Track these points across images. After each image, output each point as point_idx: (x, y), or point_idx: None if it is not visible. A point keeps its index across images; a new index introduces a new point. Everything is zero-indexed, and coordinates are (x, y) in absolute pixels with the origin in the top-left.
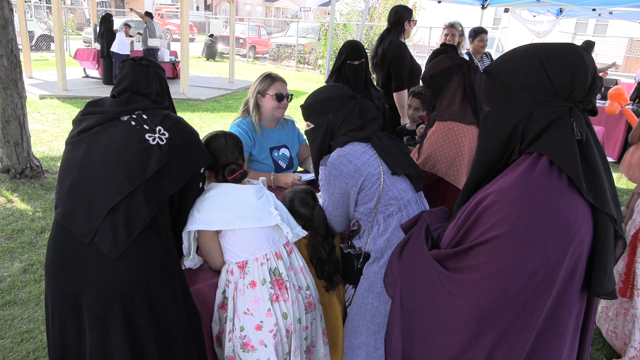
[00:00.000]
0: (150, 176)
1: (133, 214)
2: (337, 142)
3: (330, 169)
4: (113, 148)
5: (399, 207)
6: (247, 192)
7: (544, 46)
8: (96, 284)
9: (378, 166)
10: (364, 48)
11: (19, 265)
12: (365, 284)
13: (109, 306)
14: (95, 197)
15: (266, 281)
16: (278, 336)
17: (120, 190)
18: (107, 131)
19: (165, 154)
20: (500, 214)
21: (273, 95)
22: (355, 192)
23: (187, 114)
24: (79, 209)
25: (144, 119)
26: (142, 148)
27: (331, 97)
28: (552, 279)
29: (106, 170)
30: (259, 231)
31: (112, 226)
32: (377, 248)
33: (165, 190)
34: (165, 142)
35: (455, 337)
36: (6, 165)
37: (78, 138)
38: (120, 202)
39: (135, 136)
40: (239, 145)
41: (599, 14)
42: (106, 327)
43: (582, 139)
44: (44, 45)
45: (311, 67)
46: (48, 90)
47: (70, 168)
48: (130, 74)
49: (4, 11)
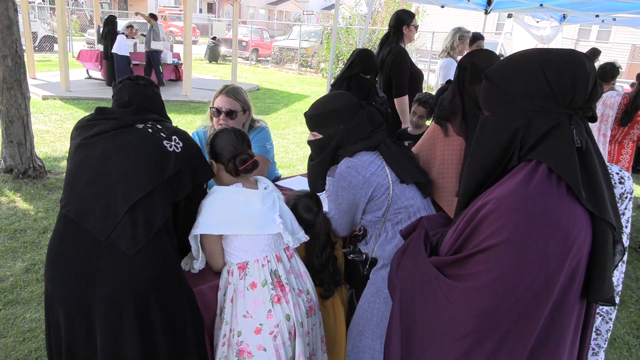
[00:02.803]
0: (167, 178)
1: (152, 213)
2: (346, 151)
3: (338, 180)
4: (132, 150)
5: (408, 215)
6: (252, 197)
7: (544, 52)
8: (109, 282)
9: (387, 176)
10: (377, 60)
11: (21, 264)
12: (372, 289)
13: (123, 304)
14: (114, 195)
15: (267, 282)
16: (279, 339)
17: (140, 188)
18: (124, 135)
19: (180, 160)
20: (499, 222)
21: (213, 109)
22: (364, 202)
23: (189, 116)
24: (95, 206)
25: (158, 128)
26: (161, 152)
27: (341, 107)
28: (551, 286)
29: (126, 169)
30: (261, 236)
31: (132, 223)
32: (386, 255)
33: (178, 194)
34: (180, 150)
35: (454, 344)
36: (9, 165)
37: (92, 140)
38: (140, 201)
39: (154, 141)
40: (246, 138)
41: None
42: (119, 327)
43: (581, 146)
44: (47, 46)
45: (313, 70)
46: (51, 91)
47: (85, 167)
48: (131, 91)
49: (8, 12)
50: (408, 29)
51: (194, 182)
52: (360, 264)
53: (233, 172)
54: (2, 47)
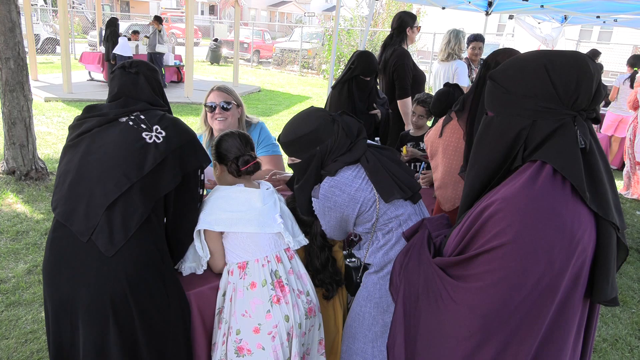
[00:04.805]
0: (146, 174)
1: (129, 212)
2: (328, 170)
3: (323, 201)
4: (110, 147)
5: (399, 223)
6: (253, 196)
7: (549, 53)
8: (90, 283)
9: (372, 189)
10: (377, 62)
11: (23, 266)
12: (363, 292)
13: (103, 305)
14: (94, 195)
15: (267, 282)
16: (277, 339)
17: (117, 187)
18: (105, 132)
19: (161, 151)
20: (504, 222)
21: (206, 106)
22: (353, 217)
23: (191, 118)
24: (78, 208)
25: (141, 119)
26: (139, 146)
27: (312, 129)
28: (556, 287)
29: (103, 168)
30: (262, 235)
31: (109, 224)
32: (377, 262)
33: (161, 189)
34: (162, 140)
35: (459, 345)
36: (11, 167)
37: (77, 140)
38: (118, 200)
39: (132, 135)
40: (250, 141)
41: (603, 21)
42: (99, 327)
43: (585, 147)
44: (49, 48)
45: (315, 72)
46: (53, 93)
47: (69, 169)
48: (121, 81)
49: (11, 14)
50: (411, 31)
51: (183, 170)
52: (353, 270)
53: (235, 173)
54: (4, 50)
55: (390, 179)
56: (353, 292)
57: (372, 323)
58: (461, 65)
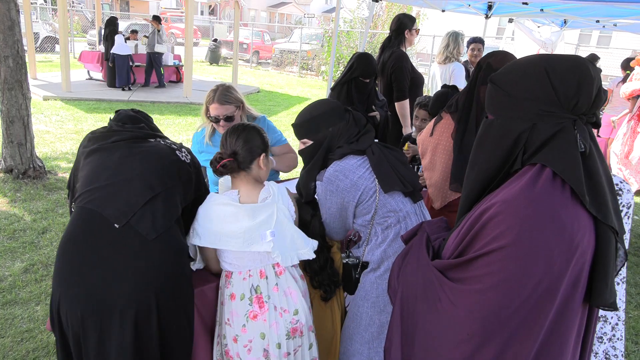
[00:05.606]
0: (183, 181)
1: (170, 204)
2: (335, 154)
3: (326, 184)
4: (151, 155)
5: (397, 219)
6: (241, 212)
7: (549, 57)
8: (129, 278)
9: (374, 179)
10: (376, 64)
11: (20, 265)
12: (361, 292)
13: (146, 299)
14: (135, 190)
15: (245, 297)
16: (253, 354)
17: (162, 183)
18: (141, 144)
19: (191, 169)
20: (504, 225)
21: (209, 118)
22: (353, 205)
23: (190, 118)
24: (117, 197)
25: (168, 142)
26: (175, 159)
27: (327, 110)
28: (555, 290)
29: (146, 168)
30: (246, 252)
31: (152, 211)
32: (375, 259)
33: (187, 198)
34: (190, 162)
35: (458, 348)
36: (9, 165)
37: (112, 145)
38: (159, 194)
39: (167, 150)
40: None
41: (603, 25)
42: (142, 324)
43: (585, 151)
44: (48, 47)
45: (314, 73)
46: (52, 91)
47: (107, 166)
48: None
49: (10, 13)
50: (409, 33)
51: (196, 192)
52: (352, 267)
53: (216, 173)
54: (3, 48)
55: (392, 172)
56: (352, 291)
57: (368, 323)
58: (458, 67)
